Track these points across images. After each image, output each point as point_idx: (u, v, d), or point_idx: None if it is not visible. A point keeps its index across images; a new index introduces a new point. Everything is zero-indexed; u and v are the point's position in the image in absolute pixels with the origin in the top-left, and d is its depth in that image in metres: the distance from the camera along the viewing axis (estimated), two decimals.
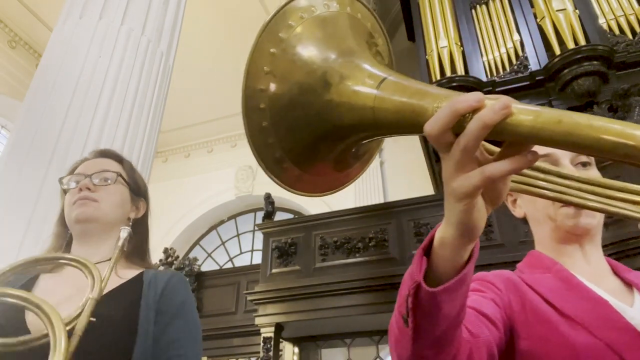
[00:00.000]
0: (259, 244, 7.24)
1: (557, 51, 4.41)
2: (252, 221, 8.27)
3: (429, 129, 0.41)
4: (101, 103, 2.49)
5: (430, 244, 0.48)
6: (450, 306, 0.48)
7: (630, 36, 4.41)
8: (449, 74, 4.77)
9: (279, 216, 5.40)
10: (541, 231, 0.84)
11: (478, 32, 5.07)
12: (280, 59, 0.56)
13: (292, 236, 4.48)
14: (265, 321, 4.21)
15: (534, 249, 0.86)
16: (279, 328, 4.22)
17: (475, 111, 0.40)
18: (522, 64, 4.66)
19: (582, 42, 4.31)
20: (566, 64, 4.29)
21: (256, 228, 5.98)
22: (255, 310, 4.34)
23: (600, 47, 4.23)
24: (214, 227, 8.54)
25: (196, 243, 8.46)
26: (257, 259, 6.69)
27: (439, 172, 5.01)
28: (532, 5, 4.89)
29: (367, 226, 4.27)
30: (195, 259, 5.56)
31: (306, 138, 0.57)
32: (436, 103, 0.44)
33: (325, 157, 0.60)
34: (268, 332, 4.16)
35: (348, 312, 3.99)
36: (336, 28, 0.59)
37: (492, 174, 0.40)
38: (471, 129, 0.39)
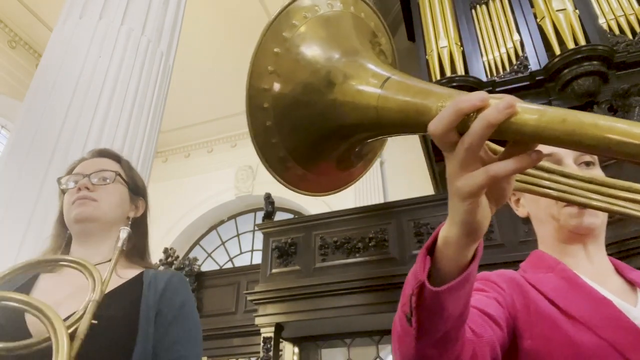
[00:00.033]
0: (259, 244, 7.23)
1: (557, 51, 4.40)
2: (252, 221, 8.27)
3: (432, 128, 0.41)
4: (101, 103, 2.49)
5: (434, 243, 0.48)
6: (454, 305, 0.47)
7: (630, 36, 4.41)
8: (449, 74, 4.76)
9: (279, 216, 5.39)
10: (544, 231, 0.84)
11: (478, 32, 5.06)
12: (284, 58, 0.56)
13: (292, 236, 4.48)
14: (265, 321, 4.21)
15: (536, 248, 0.86)
16: (279, 328, 4.21)
17: (479, 110, 0.39)
18: (522, 64, 4.66)
19: (582, 42, 4.30)
20: (566, 64, 4.28)
21: (256, 228, 5.98)
22: (255, 310, 4.34)
23: (600, 47, 4.22)
24: (214, 227, 8.54)
25: (196, 243, 8.46)
26: (257, 259, 6.69)
27: (439, 172, 5.01)
28: (532, 5, 4.88)
29: (367, 226, 4.27)
30: (195, 259, 5.56)
31: (310, 137, 0.57)
32: (440, 102, 0.44)
33: (329, 156, 0.60)
34: (268, 332, 4.16)
35: (348, 312, 3.99)
36: (340, 27, 0.59)
37: (496, 173, 0.40)
38: (475, 128, 0.39)
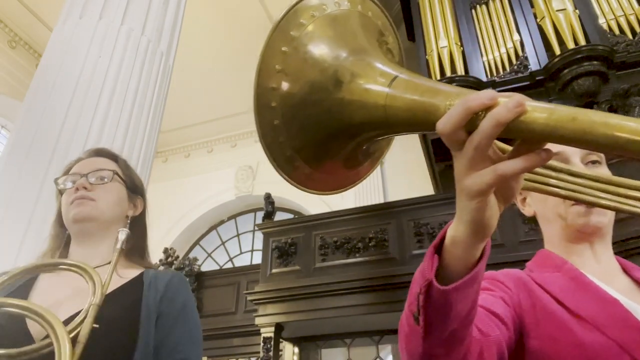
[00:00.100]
0: (259, 244, 7.23)
1: (557, 51, 4.40)
2: (252, 221, 8.26)
3: (441, 127, 0.41)
4: (101, 103, 2.49)
5: (442, 242, 0.48)
6: (462, 304, 0.47)
7: (630, 36, 4.40)
8: (449, 74, 4.76)
9: (279, 216, 5.39)
10: (551, 230, 0.83)
11: (478, 32, 5.06)
12: (292, 57, 0.56)
13: (292, 236, 4.48)
14: (265, 321, 4.21)
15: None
16: (279, 328, 4.21)
17: (488, 109, 0.39)
18: (522, 64, 4.65)
19: (582, 42, 4.30)
20: (566, 64, 4.28)
21: (256, 228, 5.97)
22: (255, 310, 4.34)
23: (600, 47, 4.22)
24: (214, 227, 8.53)
25: (196, 243, 8.45)
26: (257, 259, 6.68)
27: (439, 172, 5.01)
28: (532, 5, 4.87)
29: (367, 226, 4.27)
30: (195, 259, 5.55)
31: (317, 136, 0.57)
32: (448, 101, 0.44)
33: (336, 155, 0.60)
34: (268, 332, 4.16)
35: (348, 312, 3.98)
36: (347, 26, 0.59)
37: (505, 172, 0.40)
38: (484, 126, 0.39)
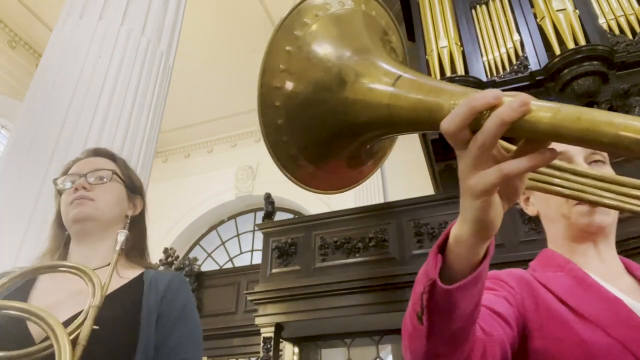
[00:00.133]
0: (259, 244, 7.23)
1: (557, 51, 4.40)
2: (252, 221, 8.26)
3: (445, 126, 0.41)
4: (101, 103, 2.48)
5: (445, 241, 0.48)
6: (466, 304, 0.48)
7: (630, 36, 4.40)
8: (449, 74, 4.76)
9: (279, 216, 5.39)
10: (554, 229, 0.83)
11: (478, 32, 5.06)
12: (296, 56, 0.56)
13: (292, 236, 4.48)
14: (265, 321, 4.21)
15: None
16: (279, 328, 4.21)
17: (492, 108, 0.39)
18: (522, 64, 4.65)
19: (582, 42, 4.30)
20: (566, 64, 4.28)
21: (256, 228, 5.97)
22: (255, 310, 4.34)
23: (600, 47, 4.22)
24: (214, 227, 8.53)
25: (196, 243, 8.45)
26: (257, 259, 6.68)
27: (439, 172, 5.00)
28: (532, 5, 4.87)
29: (367, 226, 4.26)
30: (195, 259, 5.55)
31: (321, 136, 0.57)
32: (453, 100, 0.44)
33: (340, 154, 0.60)
34: (268, 332, 4.16)
35: (348, 312, 3.98)
36: (351, 26, 0.59)
37: (509, 171, 0.40)
38: (489, 126, 0.39)
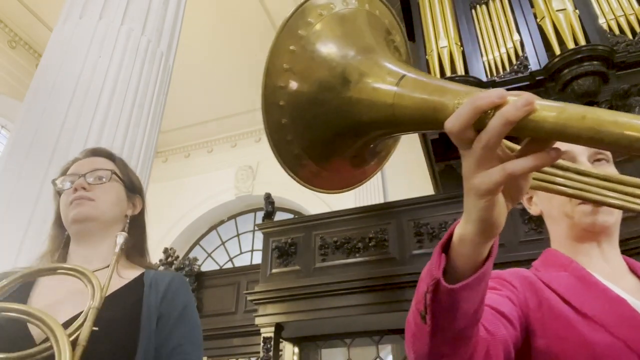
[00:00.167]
0: (259, 244, 7.23)
1: (557, 51, 4.40)
2: (252, 221, 8.26)
3: (450, 126, 0.41)
4: (101, 103, 2.48)
5: (449, 240, 0.48)
6: (469, 303, 0.48)
7: (630, 36, 4.40)
8: (449, 74, 4.76)
9: (279, 216, 5.39)
10: (558, 229, 0.83)
11: (478, 32, 5.06)
12: (300, 56, 0.56)
13: (292, 236, 4.48)
14: (265, 321, 4.21)
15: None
16: (279, 328, 4.21)
17: (497, 108, 0.39)
18: (522, 64, 4.65)
19: (582, 42, 4.30)
20: (566, 64, 4.28)
21: (256, 228, 5.97)
22: (255, 310, 4.34)
23: (600, 47, 4.22)
24: (214, 227, 8.53)
25: (196, 243, 8.45)
26: (257, 259, 6.68)
27: (439, 172, 5.00)
28: (532, 5, 4.87)
29: (367, 226, 4.26)
30: (195, 259, 5.55)
31: (325, 135, 0.57)
32: (457, 100, 0.44)
33: (343, 154, 0.60)
34: (268, 332, 4.16)
35: (348, 312, 3.98)
36: (355, 25, 0.59)
37: (513, 170, 0.40)
38: (493, 125, 0.39)
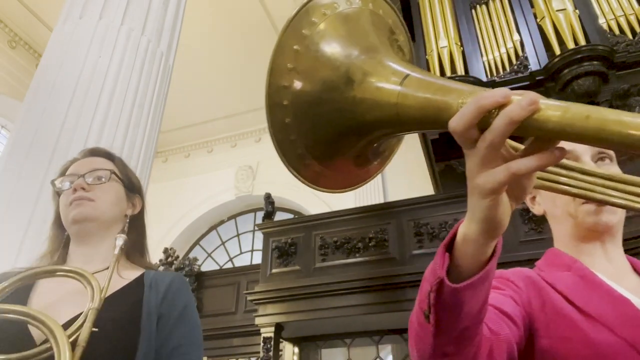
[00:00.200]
0: (259, 244, 7.23)
1: (557, 51, 4.40)
2: (252, 221, 8.25)
3: (454, 125, 0.41)
4: (101, 103, 2.48)
5: (452, 240, 0.48)
6: (473, 302, 0.48)
7: (630, 36, 4.40)
8: (449, 74, 4.75)
9: (279, 216, 5.39)
10: (561, 229, 0.83)
11: (478, 32, 5.05)
12: (304, 55, 0.56)
13: (292, 236, 4.47)
14: (265, 321, 4.21)
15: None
16: (279, 328, 4.21)
17: (501, 107, 0.39)
18: (522, 64, 4.65)
19: (582, 42, 4.30)
20: (566, 64, 4.27)
21: (256, 228, 5.97)
22: (255, 310, 4.34)
23: (600, 47, 4.22)
24: (214, 227, 8.52)
25: (196, 243, 8.45)
26: (257, 259, 6.68)
27: (439, 172, 5.00)
28: (532, 5, 4.87)
29: (367, 226, 4.26)
30: (195, 259, 5.55)
31: (328, 135, 0.57)
32: (461, 99, 0.44)
33: (347, 153, 0.60)
34: (268, 332, 4.16)
35: (348, 312, 3.98)
36: (359, 25, 0.59)
37: (518, 170, 0.40)
38: (497, 124, 0.39)
